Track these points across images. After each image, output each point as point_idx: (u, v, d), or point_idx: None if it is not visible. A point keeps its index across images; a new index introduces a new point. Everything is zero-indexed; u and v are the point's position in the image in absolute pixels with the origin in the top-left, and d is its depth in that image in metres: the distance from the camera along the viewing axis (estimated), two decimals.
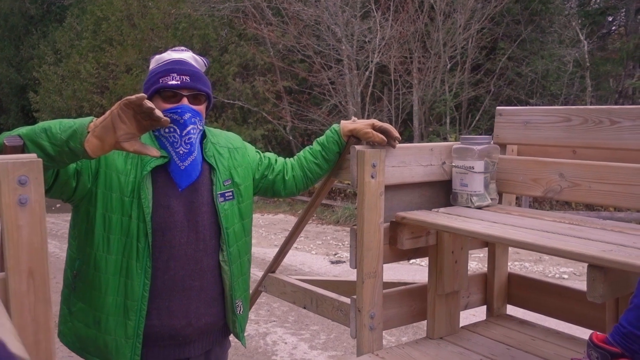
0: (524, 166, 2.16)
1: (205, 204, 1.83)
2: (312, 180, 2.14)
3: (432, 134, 13.08)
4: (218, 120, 15.15)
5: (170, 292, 1.78)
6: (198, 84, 1.80)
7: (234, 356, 4.48)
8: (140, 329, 1.74)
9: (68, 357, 4.23)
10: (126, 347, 1.74)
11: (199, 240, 1.81)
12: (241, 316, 1.95)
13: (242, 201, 1.92)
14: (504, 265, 2.43)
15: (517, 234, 1.74)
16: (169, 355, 1.82)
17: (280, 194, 2.11)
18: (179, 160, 1.77)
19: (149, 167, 1.73)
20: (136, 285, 1.72)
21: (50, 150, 1.48)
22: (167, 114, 1.73)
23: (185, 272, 1.79)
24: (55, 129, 1.49)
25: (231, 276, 1.87)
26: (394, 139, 1.99)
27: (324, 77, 13.71)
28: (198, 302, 1.83)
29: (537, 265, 7.39)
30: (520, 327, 2.33)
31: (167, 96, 1.77)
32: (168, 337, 1.80)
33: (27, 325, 1.23)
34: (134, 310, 1.73)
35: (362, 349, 2.03)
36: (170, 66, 1.80)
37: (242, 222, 1.92)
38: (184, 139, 1.77)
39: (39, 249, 1.24)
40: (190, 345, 1.85)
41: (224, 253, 1.86)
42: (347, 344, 4.75)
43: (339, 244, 9.24)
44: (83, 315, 1.79)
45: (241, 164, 1.95)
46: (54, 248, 8.18)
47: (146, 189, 1.73)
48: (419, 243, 2.10)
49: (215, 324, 1.90)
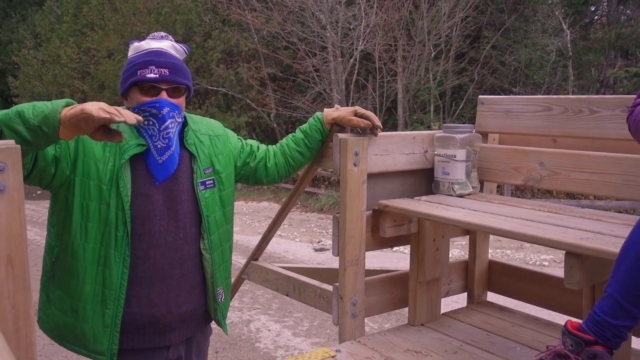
0: (505, 155, 2.19)
1: (185, 192, 1.82)
2: (295, 168, 2.14)
3: (416, 122, 13.13)
4: (202, 107, 15.04)
5: (150, 280, 1.78)
6: (177, 76, 1.77)
7: (218, 343, 4.49)
8: (119, 317, 1.73)
9: (49, 345, 4.21)
10: (104, 335, 1.73)
11: (179, 229, 1.81)
12: (223, 304, 1.96)
13: (223, 189, 1.91)
14: (484, 253, 2.46)
15: (497, 221, 1.77)
16: (149, 342, 1.82)
17: (262, 181, 2.11)
18: (157, 154, 1.75)
19: (127, 156, 1.71)
20: (114, 274, 1.72)
21: (26, 134, 1.46)
22: (145, 107, 1.72)
23: (165, 260, 1.79)
24: (29, 113, 1.46)
25: (212, 264, 1.87)
26: (376, 127, 2.00)
27: (308, 64, 13.65)
28: (178, 290, 1.82)
29: (518, 252, 7.49)
30: (500, 313, 2.36)
31: (145, 89, 1.74)
32: (148, 324, 1.80)
33: (6, 313, 1.22)
34: (111, 299, 1.72)
35: (344, 336, 2.05)
36: (149, 57, 1.75)
37: (224, 209, 1.92)
38: (162, 133, 1.74)
39: (17, 236, 1.23)
40: (170, 333, 1.85)
41: (205, 241, 1.85)
42: (331, 330, 4.78)
43: (322, 231, 9.27)
44: (61, 303, 1.78)
45: (222, 151, 1.94)
46: (35, 235, 8.10)
47: (124, 177, 1.71)
48: (401, 231, 2.12)
49: (196, 312, 1.90)
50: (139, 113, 1.72)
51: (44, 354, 4.21)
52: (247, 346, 4.54)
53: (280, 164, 2.09)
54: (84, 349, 1.77)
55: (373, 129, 2.00)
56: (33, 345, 1.28)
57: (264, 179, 2.10)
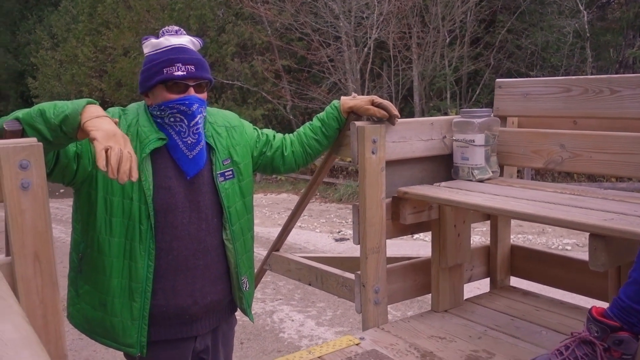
0: (525, 138, 2.16)
1: (205, 184, 1.84)
2: (312, 156, 2.14)
3: (432, 109, 13.03)
4: (218, 101, 15.09)
5: (175, 272, 1.80)
6: (203, 72, 1.79)
7: (242, 334, 4.53)
8: (146, 310, 1.76)
9: (78, 339, 4.29)
10: (132, 328, 1.76)
11: (201, 220, 1.82)
12: (247, 292, 1.98)
13: (242, 179, 1.92)
14: (506, 238, 2.45)
15: (519, 205, 1.75)
16: (177, 333, 1.85)
17: (280, 170, 2.12)
18: (186, 149, 1.78)
19: (147, 150, 1.73)
20: (140, 267, 1.74)
21: (47, 134, 1.48)
22: (174, 104, 1.74)
23: (189, 252, 1.81)
24: (50, 112, 1.48)
25: (235, 254, 1.89)
26: (394, 116, 1.99)
27: (322, 54, 13.61)
28: (203, 280, 1.85)
29: (540, 237, 7.42)
30: (524, 298, 2.35)
31: (173, 87, 1.75)
32: (174, 316, 1.82)
33: (35, 308, 1.24)
34: (138, 292, 1.75)
35: (367, 324, 2.05)
36: (174, 55, 1.76)
37: (244, 200, 1.93)
38: (192, 129, 1.77)
39: (43, 232, 1.25)
40: (197, 323, 1.88)
41: (227, 231, 1.87)
42: (354, 319, 4.80)
43: (342, 221, 9.28)
44: (90, 297, 1.81)
45: (239, 142, 1.95)
46: (60, 233, 8.22)
47: (146, 171, 1.73)
48: (422, 218, 2.11)
49: (221, 302, 1.93)
50: (166, 110, 1.74)
51: (74, 348, 4.29)
52: (272, 337, 4.57)
53: (298, 152, 2.10)
54: (114, 342, 1.79)
55: (390, 118, 1.99)
56: (62, 339, 1.30)
57: (281, 167, 2.11)
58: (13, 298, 0.97)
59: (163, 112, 1.76)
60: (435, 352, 1.87)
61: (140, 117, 1.78)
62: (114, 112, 1.78)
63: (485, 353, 1.86)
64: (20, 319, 0.86)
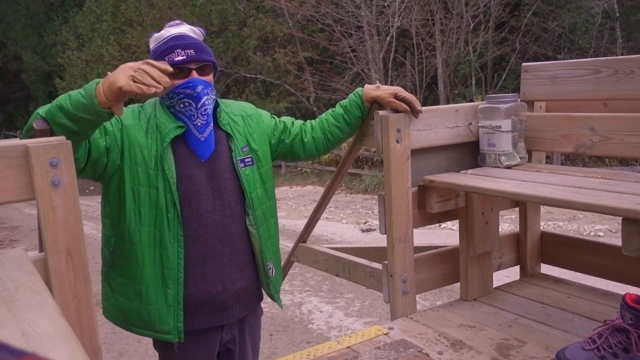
0: (553, 122, 2.12)
1: (226, 171, 1.87)
2: (333, 143, 2.14)
3: (457, 96, 12.89)
4: (242, 95, 15.17)
5: (202, 259, 1.83)
6: (203, 54, 1.83)
7: (272, 326, 4.57)
8: (180, 296, 1.80)
9: (111, 333, 4.38)
10: (168, 315, 1.80)
11: (225, 207, 1.86)
12: (275, 278, 2.00)
13: (261, 166, 1.95)
14: (536, 224, 2.41)
15: (548, 191, 1.72)
16: (208, 322, 1.88)
17: (300, 156, 2.13)
18: (197, 132, 1.82)
19: (168, 139, 1.78)
20: (171, 254, 1.78)
21: (72, 125, 1.51)
22: (179, 89, 1.78)
23: (215, 239, 1.84)
24: (67, 105, 1.50)
25: (260, 239, 1.92)
26: (417, 111, 1.97)
27: (344, 45, 13.56)
28: (231, 267, 1.88)
29: (571, 223, 7.30)
30: (555, 285, 2.31)
31: (176, 73, 1.78)
32: (206, 303, 1.85)
33: (69, 302, 1.27)
34: (171, 279, 1.78)
35: (396, 313, 2.05)
36: (173, 42, 1.81)
37: (264, 186, 1.96)
38: (200, 110, 1.81)
39: (74, 228, 1.28)
40: (227, 311, 1.91)
41: (250, 217, 1.90)
42: (382, 310, 4.79)
43: (368, 212, 9.26)
44: (124, 289, 1.84)
45: (256, 130, 1.97)
46: (90, 229, 8.39)
47: (168, 160, 1.78)
48: (449, 206, 2.09)
49: (250, 288, 1.95)
50: (174, 97, 1.79)
51: (107, 341, 4.38)
52: (301, 328, 4.60)
53: (319, 138, 2.10)
54: (151, 331, 1.83)
55: (413, 112, 1.98)
56: (96, 332, 1.33)
57: (301, 154, 2.11)
58: (47, 293, 0.99)
59: (172, 101, 1.81)
60: (465, 340, 1.86)
61: (157, 110, 1.84)
62: (133, 108, 1.85)
63: (516, 341, 1.84)
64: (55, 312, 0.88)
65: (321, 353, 1.79)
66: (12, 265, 1.15)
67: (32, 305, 0.91)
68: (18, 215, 11.27)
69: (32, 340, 0.77)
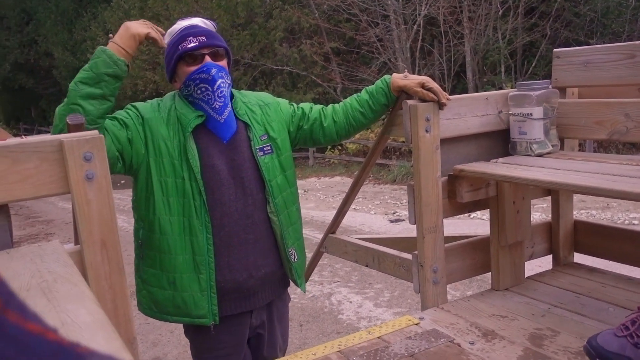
0: (586, 109, 2.08)
1: (246, 160, 1.90)
2: (355, 128, 2.13)
3: (486, 84, 12.70)
4: (268, 87, 15.21)
5: (227, 247, 1.87)
6: (215, 40, 1.89)
7: (301, 317, 4.60)
8: (212, 280, 1.84)
9: (145, 324, 4.46)
10: (202, 299, 1.84)
11: (247, 196, 1.89)
12: (297, 264, 2.02)
13: (280, 154, 1.97)
14: (569, 213, 2.37)
15: (581, 179, 1.69)
16: (237, 307, 1.92)
17: (320, 141, 2.13)
18: (217, 114, 1.86)
19: (189, 129, 1.83)
20: (201, 241, 1.82)
21: (96, 89, 1.71)
22: (195, 75, 1.83)
23: (239, 227, 1.88)
24: (84, 75, 1.73)
25: (281, 226, 1.94)
26: (442, 104, 1.96)
27: (371, 34, 13.47)
28: (255, 254, 1.91)
29: (605, 212, 7.15)
30: (589, 274, 2.27)
31: (190, 60, 1.85)
32: (233, 290, 1.89)
33: (105, 293, 1.30)
34: (203, 265, 1.83)
35: (426, 303, 2.04)
36: (185, 32, 1.88)
37: (284, 174, 1.98)
38: (216, 93, 1.85)
39: (108, 220, 1.30)
40: (254, 297, 1.94)
41: (271, 205, 1.93)
42: (412, 300, 4.78)
43: (397, 202, 9.22)
44: (156, 279, 1.88)
45: (274, 118, 1.99)
46: (122, 222, 8.54)
47: (191, 149, 1.82)
48: (479, 195, 2.07)
49: (274, 274, 1.98)
50: (191, 84, 1.84)
51: (140, 332, 4.46)
52: (330, 318, 4.62)
53: (340, 122, 2.09)
54: (187, 317, 1.87)
55: (439, 103, 1.96)
56: (131, 322, 1.36)
57: (321, 138, 2.11)
58: (85, 284, 1.02)
59: (189, 89, 1.85)
60: (497, 330, 1.84)
61: (176, 102, 1.89)
62: (152, 103, 1.91)
63: (549, 331, 1.82)
64: (93, 303, 0.90)
65: (352, 343, 1.79)
66: (50, 258, 1.18)
67: (70, 296, 0.93)
68: (52, 209, 11.54)
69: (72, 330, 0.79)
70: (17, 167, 1.25)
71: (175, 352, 4.22)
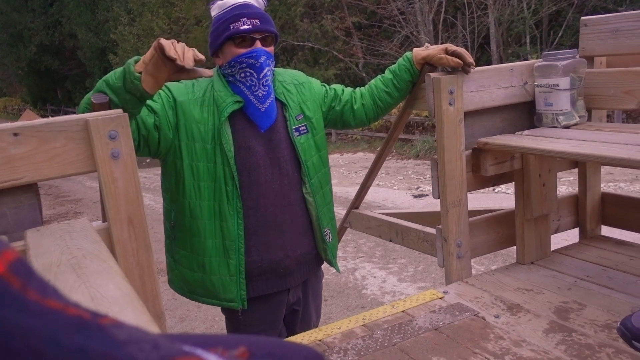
0: (615, 78, 2.02)
1: (283, 140, 1.88)
2: (383, 109, 2.11)
3: (511, 56, 12.44)
4: (290, 64, 15.14)
5: (264, 228, 1.87)
6: (268, 25, 1.83)
7: (326, 292, 4.64)
8: (242, 265, 1.85)
9: (172, 299, 4.55)
10: (231, 284, 1.85)
11: (283, 176, 1.88)
12: (331, 244, 2.03)
13: (316, 133, 1.96)
14: (596, 185, 2.33)
15: (610, 150, 1.65)
16: (273, 287, 1.93)
17: (350, 124, 2.12)
18: (258, 102, 1.83)
19: (225, 113, 1.79)
20: (230, 226, 1.82)
21: (116, 100, 1.52)
22: (242, 58, 1.78)
23: (276, 207, 1.87)
24: (112, 78, 1.53)
25: (316, 206, 1.94)
26: (469, 64, 1.91)
27: (393, 8, 13.26)
28: (291, 234, 1.91)
29: (634, 184, 7.02)
30: (616, 247, 2.24)
31: (239, 42, 1.80)
32: (269, 270, 1.90)
33: (132, 269, 1.32)
34: (233, 250, 1.83)
35: (450, 277, 2.04)
36: (238, 11, 1.81)
37: (319, 153, 1.97)
38: (262, 81, 1.81)
39: (134, 198, 1.32)
40: (289, 276, 1.96)
41: (307, 185, 1.92)
42: (436, 275, 4.78)
43: (420, 177, 9.17)
44: (187, 261, 1.90)
45: (309, 97, 1.98)
46: (149, 201, 8.65)
47: (226, 134, 1.79)
48: (504, 168, 2.05)
49: (309, 254, 1.99)
50: (236, 66, 1.79)
51: (168, 307, 4.56)
52: (355, 293, 4.65)
53: (368, 105, 2.09)
54: (216, 299, 1.89)
55: (465, 66, 1.92)
56: (159, 298, 1.38)
57: (351, 121, 2.10)
58: (113, 260, 1.04)
59: (233, 69, 1.81)
60: (523, 304, 1.83)
61: (214, 82, 1.84)
62: (186, 83, 1.82)
63: (576, 304, 1.80)
64: (121, 279, 0.92)
65: (376, 317, 1.80)
66: (79, 235, 1.20)
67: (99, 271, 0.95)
68: (80, 188, 11.75)
69: (101, 304, 0.80)
70: (45, 146, 1.27)
71: (202, 327, 4.31)
